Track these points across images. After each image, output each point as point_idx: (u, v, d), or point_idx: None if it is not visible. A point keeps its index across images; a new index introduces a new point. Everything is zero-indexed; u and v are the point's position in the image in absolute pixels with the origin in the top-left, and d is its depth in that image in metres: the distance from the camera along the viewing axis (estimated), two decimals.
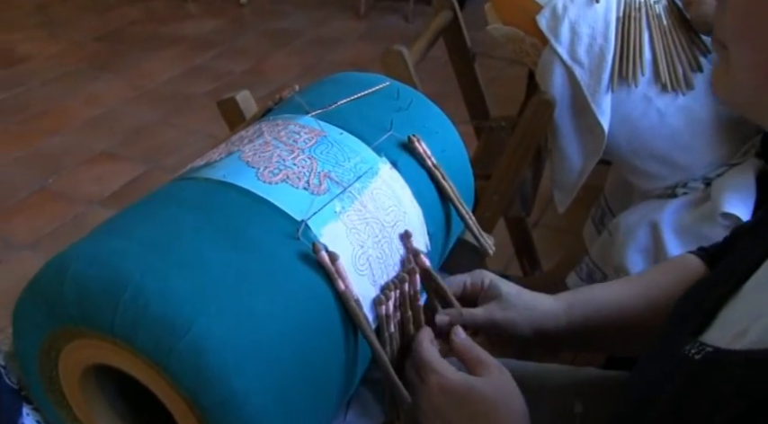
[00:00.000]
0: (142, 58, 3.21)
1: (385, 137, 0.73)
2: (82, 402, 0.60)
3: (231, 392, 0.50)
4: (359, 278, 0.62)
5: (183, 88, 2.96)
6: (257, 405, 0.51)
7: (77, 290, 0.53)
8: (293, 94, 0.81)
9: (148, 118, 2.73)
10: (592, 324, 0.72)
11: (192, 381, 0.50)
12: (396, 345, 0.65)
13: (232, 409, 0.51)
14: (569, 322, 0.72)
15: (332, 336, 0.58)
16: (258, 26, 3.58)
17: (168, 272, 0.52)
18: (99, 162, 2.46)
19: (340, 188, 0.65)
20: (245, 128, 0.76)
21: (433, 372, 0.61)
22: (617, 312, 0.72)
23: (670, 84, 1.21)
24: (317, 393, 0.56)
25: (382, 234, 0.66)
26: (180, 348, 0.50)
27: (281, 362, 0.53)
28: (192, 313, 0.50)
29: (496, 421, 0.59)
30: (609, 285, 0.75)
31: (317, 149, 0.68)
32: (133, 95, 2.91)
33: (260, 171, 0.64)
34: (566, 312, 0.72)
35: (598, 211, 1.52)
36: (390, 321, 0.64)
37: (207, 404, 0.51)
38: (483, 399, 0.59)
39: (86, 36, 3.45)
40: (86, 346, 0.55)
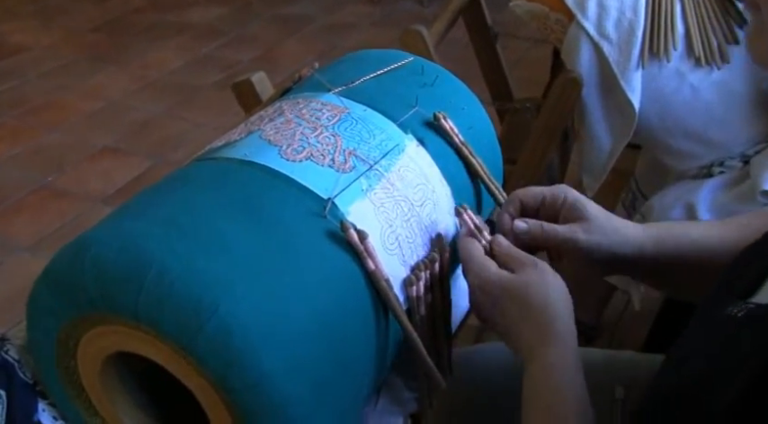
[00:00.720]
0: (145, 48, 3.22)
1: (410, 114, 0.73)
2: (102, 395, 0.61)
3: (261, 374, 0.51)
4: (388, 257, 0.62)
5: (189, 79, 2.96)
6: (289, 388, 0.52)
7: (98, 274, 0.53)
8: (313, 73, 0.82)
9: (153, 111, 2.74)
10: (678, 262, 0.70)
11: (220, 364, 0.51)
12: (426, 327, 0.65)
13: (262, 392, 0.51)
14: (655, 255, 0.70)
15: (363, 317, 0.59)
16: (266, 13, 3.59)
17: (192, 253, 0.52)
18: (102, 157, 2.47)
19: (366, 165, 0.65)
20: (264, 109, 0.76)
21: (472, 271, 0.64)
22: (709, 253, 0.69)
23: (704, 58, 1.20)
24: (349, 377, 0.57)
25: (411, 213, 0.66)
26: (207, 329, 0.50)
27: (312, 344, 0.53)
28: (218, 294, 0.51)
29: (527, 314, 0.61)
30: (703, 224, 0.73)
31: (341, 126, 0.69)
32: (136, 87, 2.92)
33: (283, 149, 0.64)
34: (654, 244, 0.70)
35: (629, 195, 1.51)
36: (421, 302, 0.64)
37: (236, 387, 0.51)
38: (515, 294, 0.62)
39: (84, 25, 3.46)
40: (107, 333, 0.56)
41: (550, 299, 0.61)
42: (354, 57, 0.84)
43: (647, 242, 0.70)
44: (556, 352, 0.60)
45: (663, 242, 0.70)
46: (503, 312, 0.63)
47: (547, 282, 0.62)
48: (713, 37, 1.20)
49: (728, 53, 1.21)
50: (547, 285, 0.62)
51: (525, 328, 0.61)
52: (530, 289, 0.62)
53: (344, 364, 0.56)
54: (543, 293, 0.62)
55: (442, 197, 0.71)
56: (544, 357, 0.60)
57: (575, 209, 0.70)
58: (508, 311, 0.62)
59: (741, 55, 1.21)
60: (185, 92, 2.86)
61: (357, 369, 0.58)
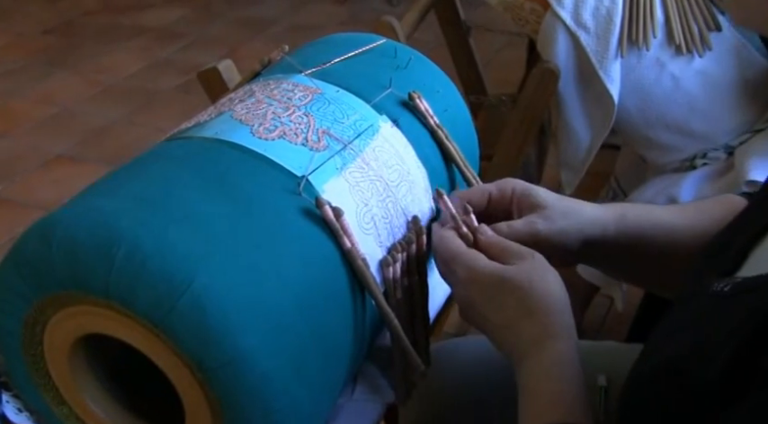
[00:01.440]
0: (99, 52, 3.22)
1: (384, 94, 0.75)
2: (70, 382, 0.62)
3: (237, 351, 0.52)
4: (364, 237, 0.64)
5: (148, 83, 2.97)
6: (266, 366, 0.53)
7: (67, 252, 0.54)
8: (283, 56, 0.84)
9: (110, 116, 2.74)
10: (641, 242, 0.70)
11: (195, 341, 0.52)
12: (403, 312, 0.67)
13: (239, 370, 0.53)
14: (618, 234, 0.70)
15: (339, 296, 0.61)
16: (228, 14, 3.61)
17: (165, 227, 0.54)
18: (56, 166, 2.46)
19: (340, 144, 0.68)
20: (234, 91, 0.78)
21: (462, 264, 0.63)
22: (668, 233, 0.71)
23: (685, 46, 1.24)
24: (327, 355, 0.58)
25: (386, 193, 0.68)
26: (181, 305, 0.52)
27: (289, 320, 0.55)
28: (191, 269, 0.52)
29: (530, 308, 0.60)
30: (666, 207, 0.74)
31: (314, 106, 0.71)
32: (91, 93, 2.91)
33: (255, 127, 0.66)
34: (615, 221, 0.70)
35: (609, 193, 1.55)
36: (398, 285, 0.66)
37: (211, 365, 0.53)
38: (515, 287, 0.61)
39: (34, 28, 3.45)
40: (76, 314, 0.57)
41: (552, 291, 0.61)
42: (325, 40, 0.87)
43: (608, 222, 0.70)
44: (563, 344, 0.60)
45: (624, 220, 0.70)
46: (500, 306, 0.62)
47: (547, 273, 0.62)
48: (694, 23, 1.24)
49: (710, 40, 1.24)
50: (547, 276, 0.62)
51: (527, 322, 0.61)
52: (532, 281, 0.61)
53: (322, 342, 0.58)
54: (545, 284, 0.61)
55: (417, 178, 0.73)
56: (551, 349, 0.59)
57: (526, 199, 0.70)
58: (506, 305, 0.61)
59: (723, 42, 1.25)
60: (144, 97, 2.87)
61: (335, 348, 0.60)
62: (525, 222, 0.69)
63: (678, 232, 0.71)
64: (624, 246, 0.71)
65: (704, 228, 0.70)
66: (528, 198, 0.70)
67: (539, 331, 0.60)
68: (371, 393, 0.71)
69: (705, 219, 0.71)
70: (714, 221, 0.69)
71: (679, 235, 0.71)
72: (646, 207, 0.73)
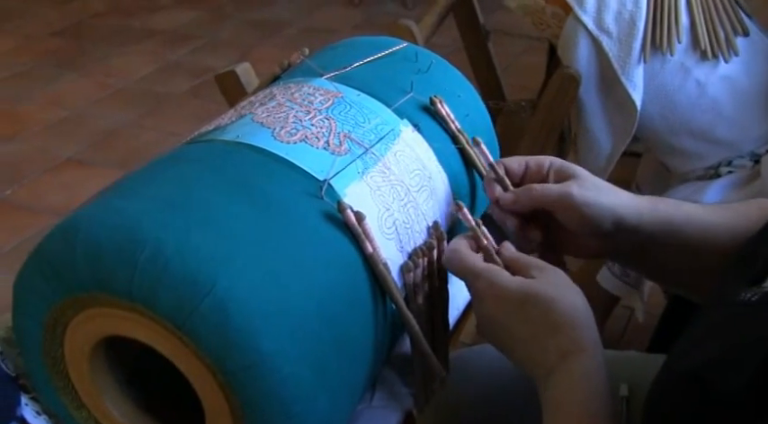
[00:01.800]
0: (109, 55, 3.26)
1: (405, 99, 0.77)
2: (89, 385, 0.63)
3: (259, 354, 0.54)
4: (386, 241, 0.65)
5: (158, 86, 3.00)
6: (287, 370, 0.54)
7: (90, 254, 0.56)
8: (303, 59, 0.85)
9: (120, 120, 2.77)
10: (674, 235, 0.70)
11: (217, 343, 0.54)
12: (424, 318, 0.69)
13: (260, 374, 0.54)
14: (652, 223, 0.70)
15: (361, 301, 0.62)
16: (240, 16, 3.64)
17: (188, 229, 0.55)
18: (65, 169, 2.49)
19: (362, 148, 0.69)
20: (254, 94, 0.80)
21: (483, 279, 0.64)
22: (703, 229, 0.70)
23: (711, 51, 1.25)
24: (348, 359, 0.60)
25: (408, 198, 0.70)
26: (203, 307, 0.53)
27: (310, 324, 0.56)
28: (215, 271, 0.54)
29: (556, 321, 0.61)
30: (698, 205, 0.74)
31: (335, 110, 0.72)
32: (101, 96, 2.95)
33: (276, 131, 0.67)
34: (650, 209, 0.70)
35: None
36: (419, 291, 0.67)
37: (233, 368, 0.54)
38: (539, 300, 0.61)
39: (43, 30, 3.50)
40: (98, 316, 0.59)
41: (577, 304, 0.62)
42: (345, 43, 0.88)
43: (643, 209, 0.70)
44: (590, 358, 0.60)
45: (657, 209, 0.71)
46: (525, 320, 0.62)
47: (569, 286, 0.63)
48: (720, 28, 1.25)
49: (737, 45, 1.25)
50: (570, 289, 0.63)
51: (553, 336, 0.61)
52: (557, 294, 0.61)
53: (343, 346, 0.59)
54: (570, 297, 0.62)
55: (438, 184, 0.74)
56: (579, 363, 0.60)
57: (563, 171, 0.72)
58: (531, 319, 0.61)
59: (751, 46, 1.26)
60: (154, 101, 2.90)
61: (356, 353, 0.61)
62: (561, 186, 0.71)
63: (713, 229, 0.71)
64: (656, 238, 0.71)
65: (740, 228, 0.69)
66: (565, 171, 0.72)
67: (566, 345, 0.60)
68: (390, 400, 0.73)
69: (741, 220, 0.71)
70: (750, 223, 0.69)
71: (714, 233, 0.71)
72: (678, 202, 0.74)
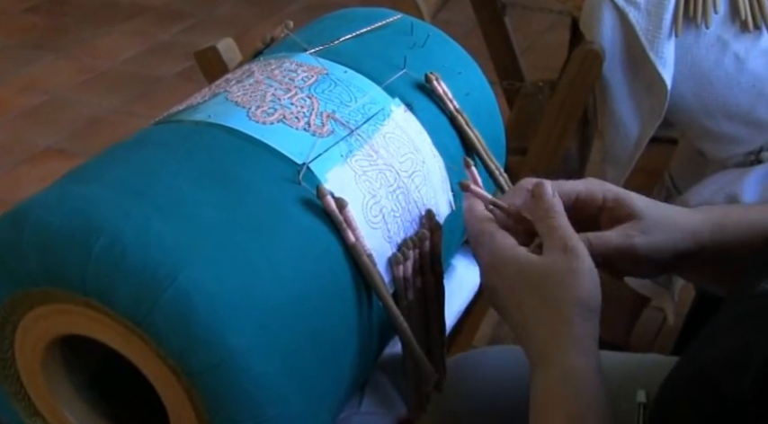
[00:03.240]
0: (92, 34, 3.26)
1: (398, 76, 0.77)
2: (44, 390, 0.64)
3: (226, 352, 0.54)
4: (371, 231, 0.66)
5: (148, 69, 3.01)
6: (259, 369, 0.55)
7: (40, 243, 0.57)
8: (287, 33, 0.86)
9: (104, 106, 2.78)
10: (738, 250, 0.69)
11: (180, 341, 0.54)
12: (416, 315, 0.69)
13: (228, 373, 0.55)
14: (714, 245, 0.69)
15: (342, 295, 0.62)
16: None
17: (149, 217, 0.56)
18: (44, 159, 2.50)
19: (346, 130, 0.69)
20: (232, 72, 0.81)
21: (486, 246, 0.64)
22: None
23: (752, 22, 1.24)
24: (326, 359, 0.60)
25: (397, 184, 0.70)
26: (164, 301, 0.54)
27: (284, 319, 0.57)
28: (177, 261, 0.54)
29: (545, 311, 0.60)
30: (759, 205, 0.74)
31: (318, 88, 0.73)
32: (84, 79, 2.95)
33: (251, 110, 0.68)
34: (711, 230, 0.70)
35: (662, 192, 1.55)
36: (410, 286, 0.68)
37: (198, 368, 0.55)
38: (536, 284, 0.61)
39: (15, 5, 3.49)
40: (51, 313, 0.59)
41: (575, 297, 0.61)
42: (335, 15, 0.89)
43: (704, 232, 0.69)
44: (573, 360, 0.59)
45: (722, 228, 0.70)
46: (517, 301, 0.62)
47: (574, 272, 0.61)
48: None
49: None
50: (574, 275, 0.61)
51: (539, 326, 0.61)
52: (551, 280, 0.61)
53: (321, 344, 0.60)
54: (566, 285, 0.61)
55: (433, 169, 0.75)
56: (559, 364, 0.59)
57: (621, 208, 0.68)
58: (523, 300, 0.62)
59: None
60: (143, 84, 2.90)
61: (336, 352, 0.62)
62: (621, 234, 0.67)
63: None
64: (719, 257, 0.70)
65: None
66: (623, 208, 0.68)
67: (547, 340, 0.60)
68: (381, 406, 0.73)
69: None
70: None
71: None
72: (740, 209, 0.73)
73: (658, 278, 1.50)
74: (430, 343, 0.72)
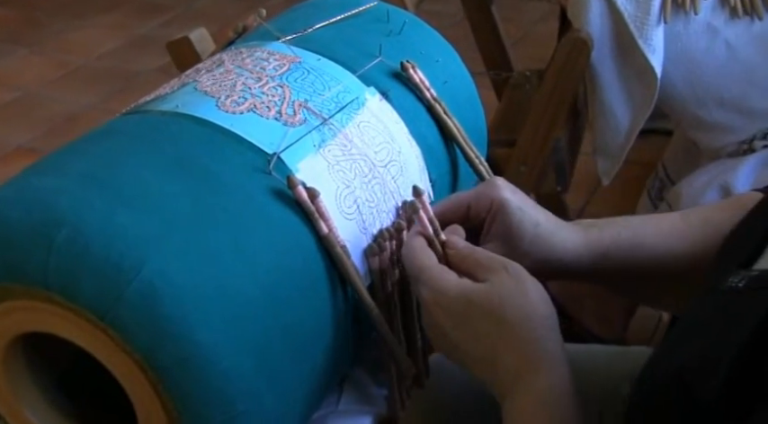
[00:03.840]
0: (67, 28, 3.26)
1: (373, 64, 0.78)
2: (6, 392, 0.64)
3: (195, 345, 0.55)
4: (345, 222, 0.67)
5: (126, 64, 3.01)
6: (228, 363, 0.56)
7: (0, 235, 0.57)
8: (260, 22, 0.86)
9: (80, 103, 2.78)
10: (632, 275, 0.73)
11: (146, 335, 0.55)
12: (394, 309, 0.70)
13: (197, 367, 0.55)
14: (604, 270, 0.72)
15: (315, 288, 0.63)
16: None
17: (112, 208, 0.57)
18: (15, 159, 2.50)
19: (319, 119, 0.70)
20: (203, 62, 0.81)
21: (424, 283, 0.63)
22: (669, 262, 0.72)
23: (742, 8, 1.25)
24: (301, 354, 0.61)
25: (372, 174, 0.71)
26: (129, 294, 0.54)
27: (255, 312, 0.58)
28: (142, 253, 0.55)
29: (507, 336, 0.60)
30: (660, 223, 0.74)
31: (290, 77, 0.73)
32: (58, 75, 2.96)
33: (221, 100, 0.69)
34: (602, 259, 0.72)
35: (656, 182, 1.57)
36: (386, 277, 0.69)
37: (165, 363, 0.55)
38: (486, 311, 0.61)
39: None
40: (11, 310, 0.60)
41: (533, 312, 0.61)
42: (309, 3, 0.90)
43: (583, 259, 0.71)
44: (547, 378, 0.60)
45: (607, 254, 0.72)
46: (475, 334, 0.61)
47: (526, 290, 0.62)
48: None
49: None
50: (526, 294, 0.62)
51: (505, 352, 0.60)
52: (506, 301, 0.61)
53: (294, 337, 0.60)
54: (523, 304, 0.61)
55: (410, 159, 0.75)
56: (533, 386, 0.59)
57: (501, 216, 0.70)
58: (481, 331, 0.61)
59: None
60: (120, 80, 2.91)
61: (310, 346, 0.63)
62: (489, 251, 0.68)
63: (679, 256, 0.72)
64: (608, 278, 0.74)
65: (711, 247, 0.70)
66: (504, 218, 0.70)
67: (519, 364, 0.60)
68: (360, 404, 0.74)
69: (710, 235, 0.71)
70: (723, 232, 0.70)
71: (680, 261, 0.72)
72: (635, 235, 0.73)
73: None
74: (409, 337, 0.73)
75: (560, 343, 0.61)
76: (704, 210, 0.76)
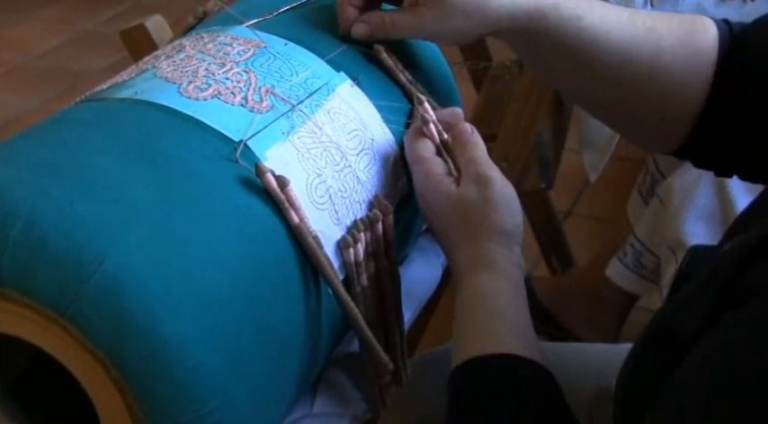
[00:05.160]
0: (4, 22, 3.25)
1: (343, 48, 0.80)
2: None
3: (161, 341, 0.57)
4: (317, 212, 0.69)
5: (70, 63, 3.01)
6: (197, 358, 0.57)
7: None
8: (221, 6, 0.88)
9: (20, 106, 2.78)
10: (562, 47, 0.77)
11: (109, 330, 0.57)
12: (371, 303, 0.72)
13: (163, 364, 0.57)
14: (531, 27, 0.76)
15: (288, 281, 0.65)
16: None
17: (70, 198, 0.58)
18: None
19: (287, 105, 0.72)
20: (161, 49, 0.83)
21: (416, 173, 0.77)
22: (597, 46, 0.76)
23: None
24: (273, 349, 0.63)
25: (344, 163, 0.73)
26: (90, 287, 0.56)
27: (224, 305, 0.60)
28: (104, 243, 0.57)
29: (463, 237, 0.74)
30: (604, 7, 0.78)
31: (256, 62, 0.76)
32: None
33: (183, 86, 0.71)
34: (536, 15, 0.76)
35: (647, 178, 1.60)
36: (362, 270, 0.71)
37: (129, 360, 0.57)
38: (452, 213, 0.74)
39: None
40: None
41: (486, 221, 0.73)
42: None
43: (530, 16, 0.76)
44: (484, 280, 0.72)
45: (548, 21, 0.76)
46: (443, 229, 0.76)
47: (487, 200, 0.73)
48: None
49: None
50: (486, 204, 0.73)
51: (459, 251, 0.75)
52: (464, 208, 0.74)
53: (265, 333, 0.62)
54: (479, 213, 0.73)
55: (383, 146, 0.78)
56: (471, 284, 0.72)
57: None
58: (446, 229, 0.76)
59: None
60: (65, 81, 2.91)
61: (282, 342, 0.64)
62: (411, 13, 0.79)
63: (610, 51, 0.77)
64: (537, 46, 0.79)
65: (645, 55, 0.76)
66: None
67: (464, 264, 0.74)
68: (336, 406, 0.76)
69: (651, 42, 0.77)
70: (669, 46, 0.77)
71: (608, 55, 0.77)
72: (578, 7, 0.77)
73: (645, 271, 1.54)
74: (387, 332, 0.75)
75: (509, 257, 0.73)
76: (654, 18, 0.79)
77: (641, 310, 1.70)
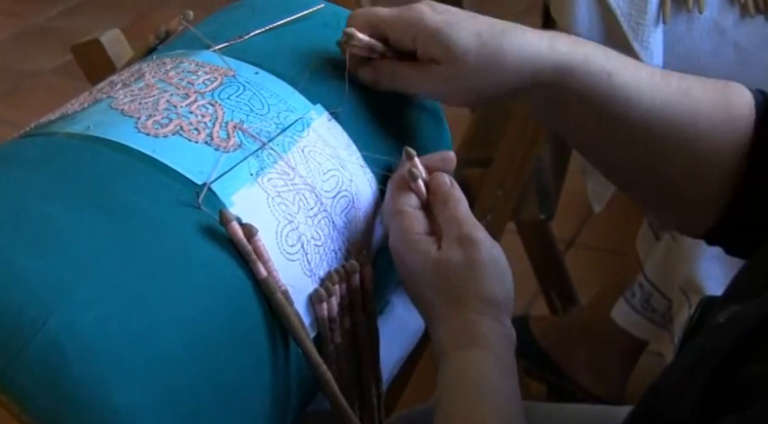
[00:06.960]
0: None
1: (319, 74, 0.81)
2: None
3: (109, 412, 0.57)
4: (287, 263, 0.70)
5: (17, 62, 3.00)
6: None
7: None
8: (186, 26, 0.89)
9: None
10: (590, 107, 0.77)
11: (49, 401, 0.56)
12: (345, 362, 0.73)
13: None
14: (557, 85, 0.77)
15: (253, 341, 0.66)
16: None
17: (12, 249, 0.59)
18: None
19: (257, 143, 0.73)
20: (118, 73, 0.84)
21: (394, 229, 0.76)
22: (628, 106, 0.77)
23: (754, 6, 1.29)
24: (235, 414, 0.64)
25: (319, 207, 0.74)
26: (29, 352, 0.56)
27: (181, 370, 0.60)
28: (46, 303, 0.57)
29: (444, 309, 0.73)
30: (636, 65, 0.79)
31: (223, 93, 0.76)
32: None
33: (141, 120, 0.71)
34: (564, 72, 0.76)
35: None
36: (336, 327, 0.72)
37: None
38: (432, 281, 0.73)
39: None
40: None
41: (471, 289, 0.72)
42: (244, 3, 0.93)
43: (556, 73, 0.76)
44: (470, 356, 0.71)
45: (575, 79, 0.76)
46: (420, 296, 0.75)
47: (472, 265, 0.72)
48: None
49: None
50: (471, 269, 0.72)
51: (440, 323, 0.73)
52: (446, 274, 0.72)
53: (227, 400, 0.63)
54: (462, 280, 0.72)
55: (363, 188, 0.79)
56: (456, 361, 0.71)
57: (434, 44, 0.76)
58: (425, 297, 0.74)
59: None
60: (10, 82, 2.90)
61: (244, 409, 0.65)
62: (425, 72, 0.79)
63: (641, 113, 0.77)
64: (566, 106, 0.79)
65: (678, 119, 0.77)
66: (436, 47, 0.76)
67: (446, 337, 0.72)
68: None
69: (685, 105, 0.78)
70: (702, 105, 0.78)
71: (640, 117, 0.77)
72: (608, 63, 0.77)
73: (655, 315, 1.55)
74: (363, 396, 0.76)
75: (496, 329, 0.72)
76: (688, 80, 0.80)
77: (652, 355, 1.70)
